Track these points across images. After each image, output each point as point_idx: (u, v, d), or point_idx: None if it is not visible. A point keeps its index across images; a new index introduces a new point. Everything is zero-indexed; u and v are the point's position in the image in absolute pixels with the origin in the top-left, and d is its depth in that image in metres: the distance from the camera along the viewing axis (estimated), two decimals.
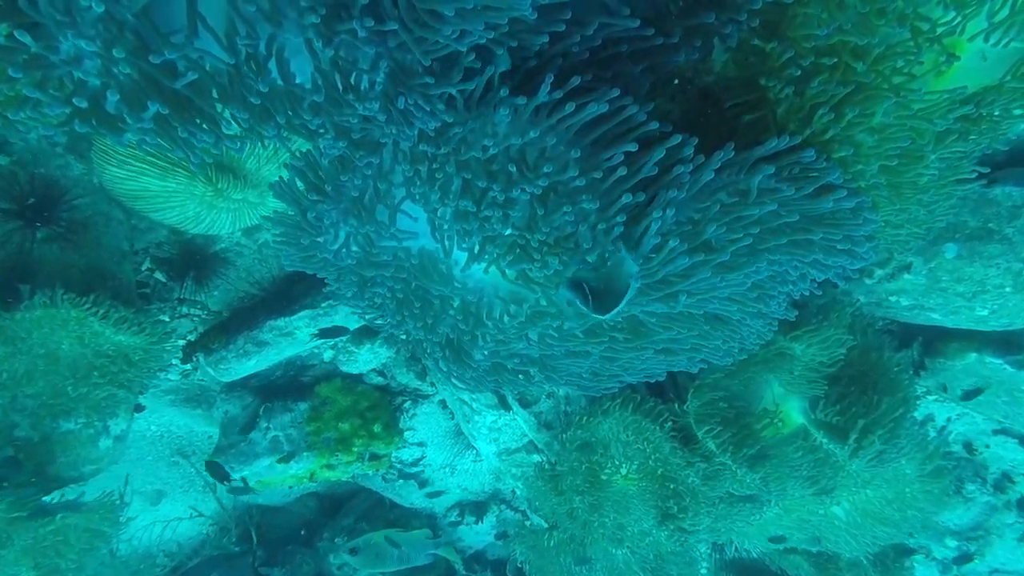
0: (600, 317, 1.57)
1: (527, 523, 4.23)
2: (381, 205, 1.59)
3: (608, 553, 3.09)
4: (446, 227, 1.59)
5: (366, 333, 3.86)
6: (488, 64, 1.28)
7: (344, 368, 4.09)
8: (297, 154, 1.78)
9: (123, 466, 4.78)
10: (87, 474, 3.24)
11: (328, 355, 4.10)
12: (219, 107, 1.18)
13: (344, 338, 3.95)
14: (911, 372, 3.34)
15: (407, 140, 1.37)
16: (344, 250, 1.70)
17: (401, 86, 1.21)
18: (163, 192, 3.05)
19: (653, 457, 2.92)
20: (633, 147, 1.37)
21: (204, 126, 1.16)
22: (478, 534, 4.86)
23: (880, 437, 2.62)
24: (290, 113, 1.20)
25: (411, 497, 4.69)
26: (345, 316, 3.63)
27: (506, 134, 1.41)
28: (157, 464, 4.96)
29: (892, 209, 1.88)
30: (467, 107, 1.34)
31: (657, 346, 1.83)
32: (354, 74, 1.21)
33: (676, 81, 1.64)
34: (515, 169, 1.41)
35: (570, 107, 1.32)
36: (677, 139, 1.40)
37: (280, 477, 4.23)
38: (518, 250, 1.62)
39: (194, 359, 3.80)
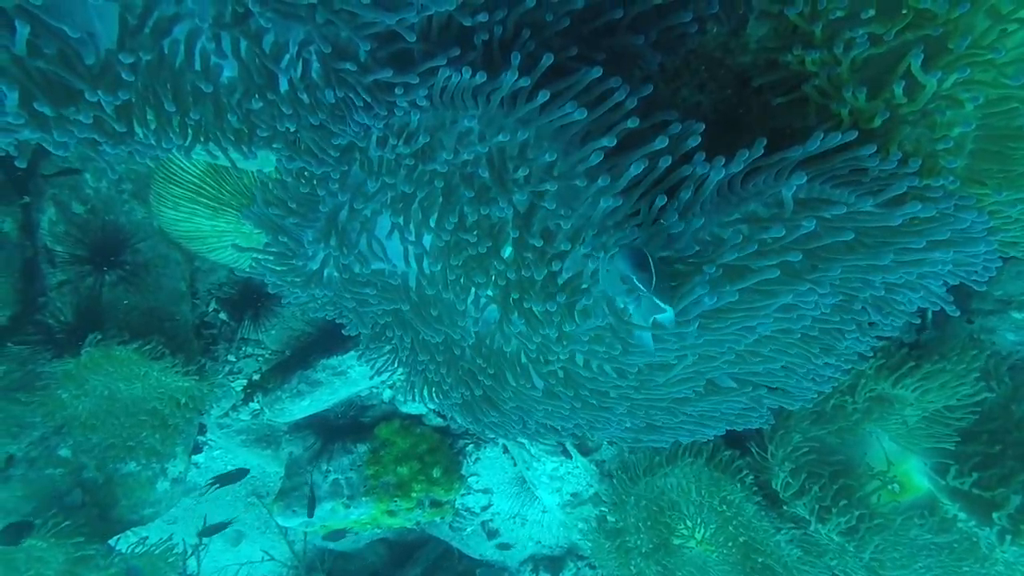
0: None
1: None
2: (356, 223, 1.38)
3: None
4: (428, 260, 1.35)
5: None
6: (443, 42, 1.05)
7: (403, 409, 3.92)
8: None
9: (202, 506, 4.85)
10: (147, 517, 3.24)
11: (387, 395, 3.95)
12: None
13: (402, 376, 3.79)
14: None
15: (363, 143, 1.16)
16: (321, 275, 1.50)
17: (331, 74, 1.00)
18: (214, 232, 3.06)
19: (734, 522, 2.45)
20: (611, 142, 1.07)
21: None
22: None
23: None
24: (212, 116, 1.03)
25: (480, 548, 4.39)
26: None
27: (480, 132, 1.16)
28: (235, 504, 4.99)
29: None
30: (426, 97, 1.11)
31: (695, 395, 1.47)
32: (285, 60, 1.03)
33: (703, 67, 1.32)
34: (490, 176, 1.15)
35: (543, 96, 1.05)
36: (676, 128, 1.08)
37: (343, 522, 4.09)
38: (514, 288, 1.35)
39: (256, 399, 3.78)
